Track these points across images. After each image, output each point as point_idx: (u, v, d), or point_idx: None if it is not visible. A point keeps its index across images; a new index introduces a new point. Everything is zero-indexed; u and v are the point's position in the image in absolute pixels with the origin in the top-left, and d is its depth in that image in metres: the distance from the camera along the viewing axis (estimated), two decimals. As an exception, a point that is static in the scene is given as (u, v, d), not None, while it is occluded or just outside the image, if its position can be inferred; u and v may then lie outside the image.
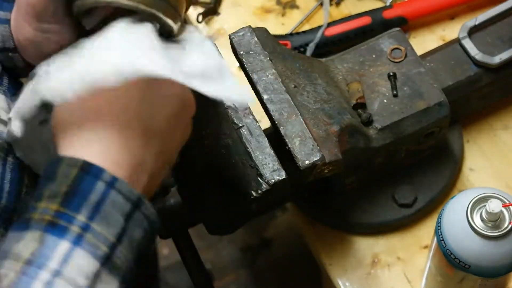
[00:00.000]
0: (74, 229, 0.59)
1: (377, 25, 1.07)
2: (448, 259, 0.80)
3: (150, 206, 0.62)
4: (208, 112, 0.86)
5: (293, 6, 1.15)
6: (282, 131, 0.84)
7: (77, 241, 0.59)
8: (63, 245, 0.58)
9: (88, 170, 0.61)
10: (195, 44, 0.70)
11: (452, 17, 1.11)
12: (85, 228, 0.59)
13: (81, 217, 0.59)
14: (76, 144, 0.62)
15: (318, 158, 0.83)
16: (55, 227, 0.59)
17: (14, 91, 0.76)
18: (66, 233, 0.59)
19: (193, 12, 1.16)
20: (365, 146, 0.90)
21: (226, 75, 0.69)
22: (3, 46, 0.76)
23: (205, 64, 0.68)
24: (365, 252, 0.96)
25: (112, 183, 0.61)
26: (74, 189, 0.60)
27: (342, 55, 0.95)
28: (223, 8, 1.16)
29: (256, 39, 0.88)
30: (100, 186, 0.60)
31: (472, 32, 0.98)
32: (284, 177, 0.84)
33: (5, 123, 0.72)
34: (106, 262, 0.59)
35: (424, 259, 0.92)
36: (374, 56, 0.94)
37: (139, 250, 0.62)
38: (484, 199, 0.77)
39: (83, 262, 0.58)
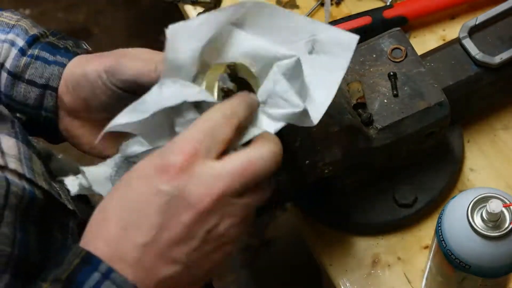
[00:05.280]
0: None
1: (378, 25, 1.07)
2: (449, 259, 0.80)
3: None
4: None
5: (293, 5, 1.15)
6: (282, 131, 0.84)
7: None
8: None
9: (88, 261, 0.64)
10: None
11: (452, 16, 1.10)
12: None
13: None
14: (101, 223, 0.66)
15: (318, 158, 0.83)
16: None
17: (25, 138, 0.79)
18: None
19: (193, 12, 1.16)
20: (365, 146, 0.90)
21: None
22: (47, 83, 0.82)
23: None
24: (365, 252, 0.96)
25: (107, 274, 0.64)
26: (72, 277, 0.64)
27: (342, 55, 0.95)
28: (223, 8, 1.15)
29: (256, 39, 0.88)
30: (95, 276, 0.64)
31: (473, 32, 0.98)
32: (284, 177, 0.83)
33: (17, 173, 0.74)
34: None
35: (424, 259, 0.91)
36: (374, 56, 0.94)
37: None
38: (484, 199, 0.77)
39: None
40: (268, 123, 0.73)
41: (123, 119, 0.69)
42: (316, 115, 0.75)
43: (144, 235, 0.64)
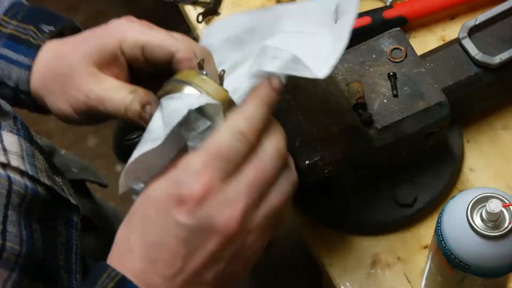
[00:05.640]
0: None
1: (377, 25, 1.07)
2: (448, 259, 0.80)
3: None
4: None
5: (293, 6, 1.15)
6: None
7: None
8: None
9: (123, 286, 0.63)
10: None
11: (452, 17, 1.11)
12: None
13: None
14: (126, 255, 0.65)
15: (318, 158, 0.83)
16: None
17: (27, 134, 0.78)
18: None
19: (193, 12, 1.16)
20: (365, 146, 0.90)
21: None
22: (17, 86, 0.79)
23: None
24: (365, 252, 0.96)
25: None
26: None
27: (342, 55, 0.95)
28: (223, 8, 1.16)
29: (256, 39, 0.88)
30: None
31: (472, 32, 0.98)
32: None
33: (19, 170, 0.74)
34: None
35: (424, 259, 0.92)
36: (374, 56, 0.94)
37: None
38: (484, 199, 0.77)
39: None
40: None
41: (137, 154, 0.67)
42: (323, 68, 0.72)
43: (171, 268, 0.64)
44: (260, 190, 0.65)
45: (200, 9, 1.15)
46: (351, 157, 0.88)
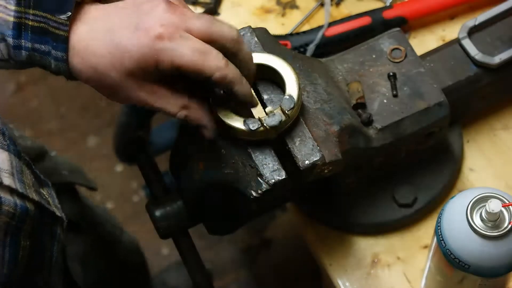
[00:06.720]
0: None
1: (377, 25, 1.07)
2: (448, 259, 0.80)
3: None
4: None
5: (293, 6, 1.15)
6: (281, 134, 0.84)
7: None
8: None
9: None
10: None
11: (452, 17, 1.11)
12: None
13: None
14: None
15: (318, 158, 0.83)
16: None
17: (16, 149, 0.77)
18: None
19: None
20: (365, 146, 0.90)
21: None
22: (59, 71, 0.78)
23: None
24: (365, 252, 0.96)
25: None
26: None
27: (342, 55, 0.95)
28: (223, 8, 1.16)
29: (256, 39, 0.88)
30: None
31: (472, 32, 0.98)
32: (284, 177, 0.83)
33: (9, 189, 0.73)
34: None
35: (424, 259, 0.92)
36: (374, 56, 0.95)
37: None
38: (484, 199, 0.77)
39: None
40: None
41: None
42: None
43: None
44: None
45: (200, 9, 1.16)
46: (351, 157, 0.88)
